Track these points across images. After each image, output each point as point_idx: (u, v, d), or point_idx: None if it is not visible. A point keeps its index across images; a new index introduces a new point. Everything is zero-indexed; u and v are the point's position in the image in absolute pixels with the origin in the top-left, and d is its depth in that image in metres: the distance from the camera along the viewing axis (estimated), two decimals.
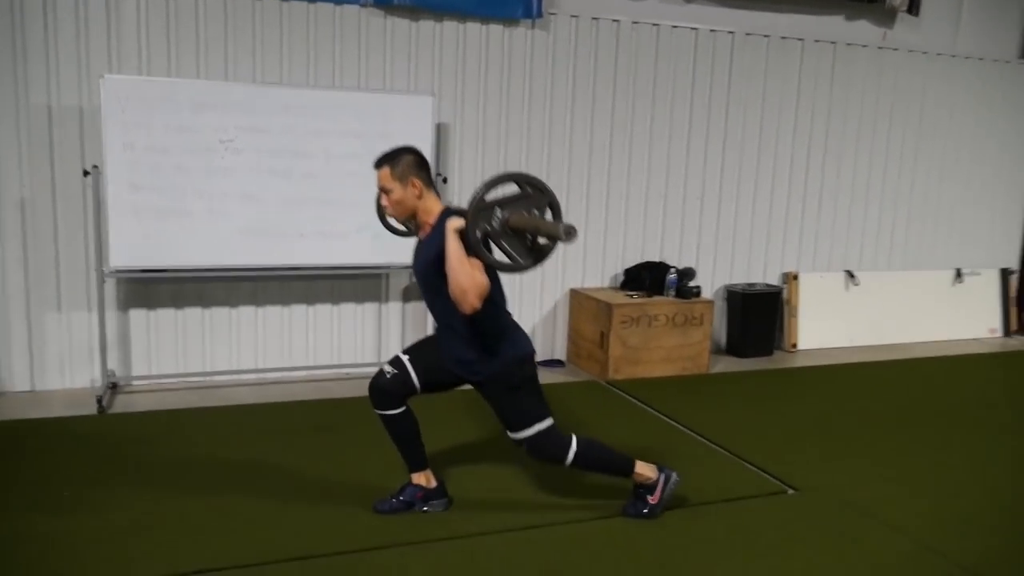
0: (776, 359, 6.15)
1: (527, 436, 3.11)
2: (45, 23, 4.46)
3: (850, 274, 6.60)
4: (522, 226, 2.73)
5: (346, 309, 5.29)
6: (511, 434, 3.15)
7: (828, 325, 6.50)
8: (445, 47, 5.22)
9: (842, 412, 4.86)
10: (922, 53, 6.55)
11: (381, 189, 3.06)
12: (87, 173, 4.47)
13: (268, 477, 3.62)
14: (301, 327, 5.21)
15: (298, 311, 5.18)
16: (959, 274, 6.99)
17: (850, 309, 6.60)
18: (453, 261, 2.78)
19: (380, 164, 3.04)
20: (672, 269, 5.70)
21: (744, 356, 6.09)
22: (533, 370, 3.16)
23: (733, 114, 6.05)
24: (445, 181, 5.22)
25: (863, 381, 5.63)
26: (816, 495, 3.62)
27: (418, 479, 3.30)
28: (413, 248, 3.19)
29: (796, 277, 6.41)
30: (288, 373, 5.17)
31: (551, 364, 5.71)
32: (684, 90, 5.88)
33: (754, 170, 6.19)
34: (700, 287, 5.72)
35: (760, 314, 6.17)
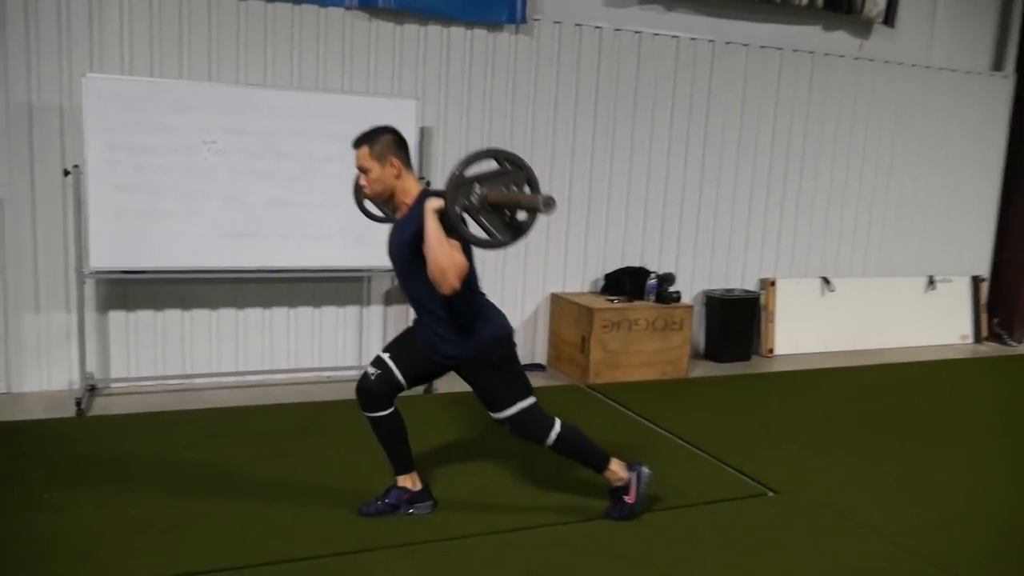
0: (754, 364, 6.22)
1: (509, 415, 3.13)
2: (26, 21, 4.42)
3: (826, 280, 6.70)
4: (501, 201, 2.72)
5: (328, 312, 5.28)
6: (493, 414, 3.16)
7: (804, 330, 6.59)
8: (429, 51, 5.24)
9: (819, 416, 4.94)
10: (897, 64, 6.67)
11: (359, 169, 3.03)
12: (68, 173, 4.42)
13: (250, 480, 3.61)
14: (282, 330, 5.19)
15: (279, 313, 5.16)
16: (932, 281, 7.11)
17: (826, 315, 6.70)
18: (432, 241, 2.76)
19: (359, 143, 3.01)
20: (652, 274, 5.75)
21: (722, 361, 6.16)
22: (512, 349, 3.17)
23: (713, 122, 6.12)
24: (428, 185, 5.23)
25: (839, 386, 5.72)
26: (795, 497, 3.67)
27: (404, 481, 3.31)
28: (389, 230, 3.16)
29: (773, 283, 6.49)
30: (269, 376, 5.15)
31: (532, 368, 5.73)
32: (665, 97, 5.94)
33: (732, 178, 6.27)
34: (680, 292, 5.78)
35: (738, 319, 6.24)
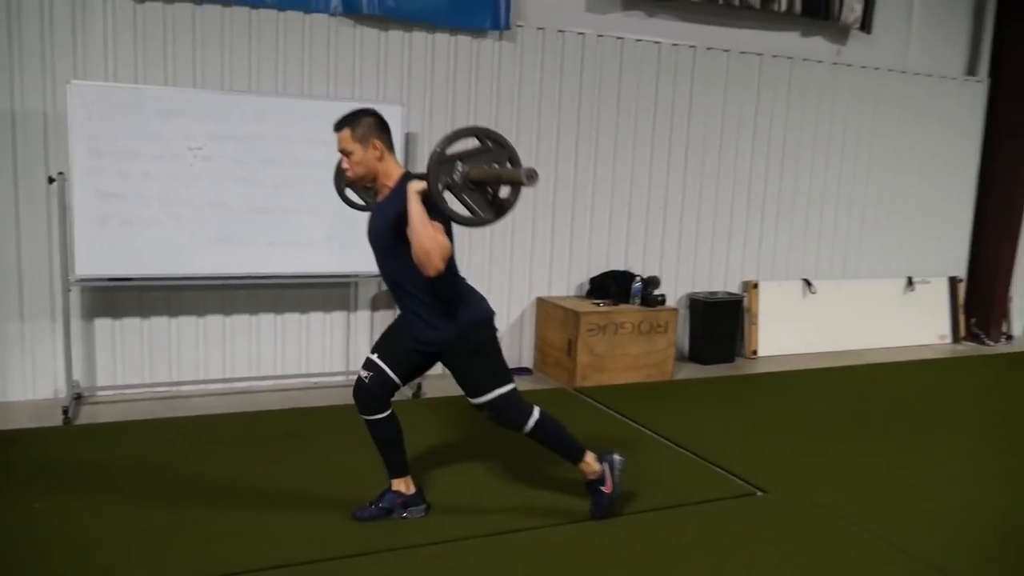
0: (737, 366, 6.28)
1: (488, 400, 3.14)
2: (9, 28, 4.38)
3: (807, 282, 6.78)
4: (483, 178, 2.71)
5: (315, 318, 5.27)
6: (472, 400, 3.17)
7: (787, 332, 6.66)
8: (414, 57, 5.26)
9: (804, 416, 5.00)
10: (874, 69, 6.77)
11: (341, 151, 3.01)
12: (52, 180, 4.39)
13: (242, 486, 3.60)
14: (269, 336, 5.17)
15: (266, 320, 5.15)
16: (910, 282, 7.22)
17: (807, 316, 6.77)
18: (416, 223, 2.76)
19: (340, 126, 2.99)
20: (637, 278, 5.80)
21: (706, 363, 6.21)
22: (492, 334, 3.18)
23: (694, 126, 6.19)
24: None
25: (822, 386, 5.79)
26: (784, 496, 3.72)
27: (398, 485, 3.31)
28: (369, 214, 3.16)
29: (756, 285, 6.56)
30: (256, 383, 5.13)
31: (518, 372, 5.74)
32: (647, 102, 6.00)
33: (715, 181, 6.33)
34: (664, 295, 5.83)
35: (722, 322, 6.30)
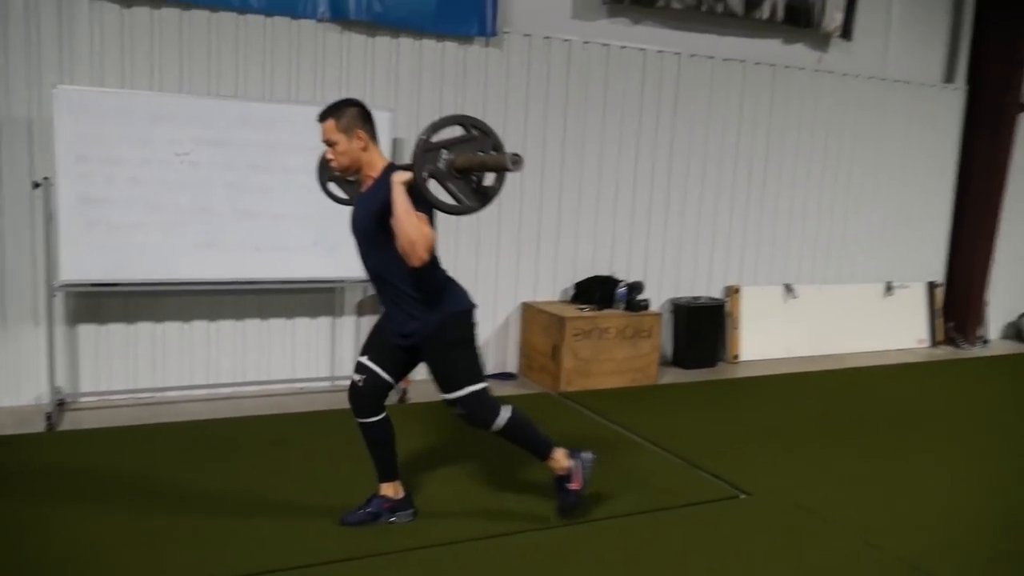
0: (720, 370, 6.33)
1: (460, 396, 3.16)
2: None
3: (788, 287, 6.86)
4: (468, 165, 2.72)
5: (300, 323, 5.27)
6: (445, 395, 3.20)
7: (768, 337, 6.73)
8: (402, 63, 5.28)
9: (787, 419, 5.06)
10: (854, 76, 6.87)
11: (325, 142, 3.02)
12: (37, 185, 4.37)
13: (229, 492, 3.60)
14: (255, 341, 5.16)
15: (252, 325, 5.14)
16: (889, 287, 7.31)
17: (789, 321, 6.85)
18: (400, 213, 2.77)
19: (324, 116, 3.00)
20: (621, 283, 5.84)
21: (689, 367, 6.26)
22: (470, 329, 3.20)
23: (679, 132, 6.24)
24: None
25: (804, 390, 5.86)
26: (769, 498, 3.77)
27: (386, 490, 3.33)
28: (353, 206, 3.17)
29: (738, 290, 6.63)
30: (241, 388, 5.12)
31: (503, 377, 5.78)
32: (632, 108, 6.05)
33: (698, 187, 6.39)
34: (648, 300, 5.88)
35: (704, 326, 6.36)
